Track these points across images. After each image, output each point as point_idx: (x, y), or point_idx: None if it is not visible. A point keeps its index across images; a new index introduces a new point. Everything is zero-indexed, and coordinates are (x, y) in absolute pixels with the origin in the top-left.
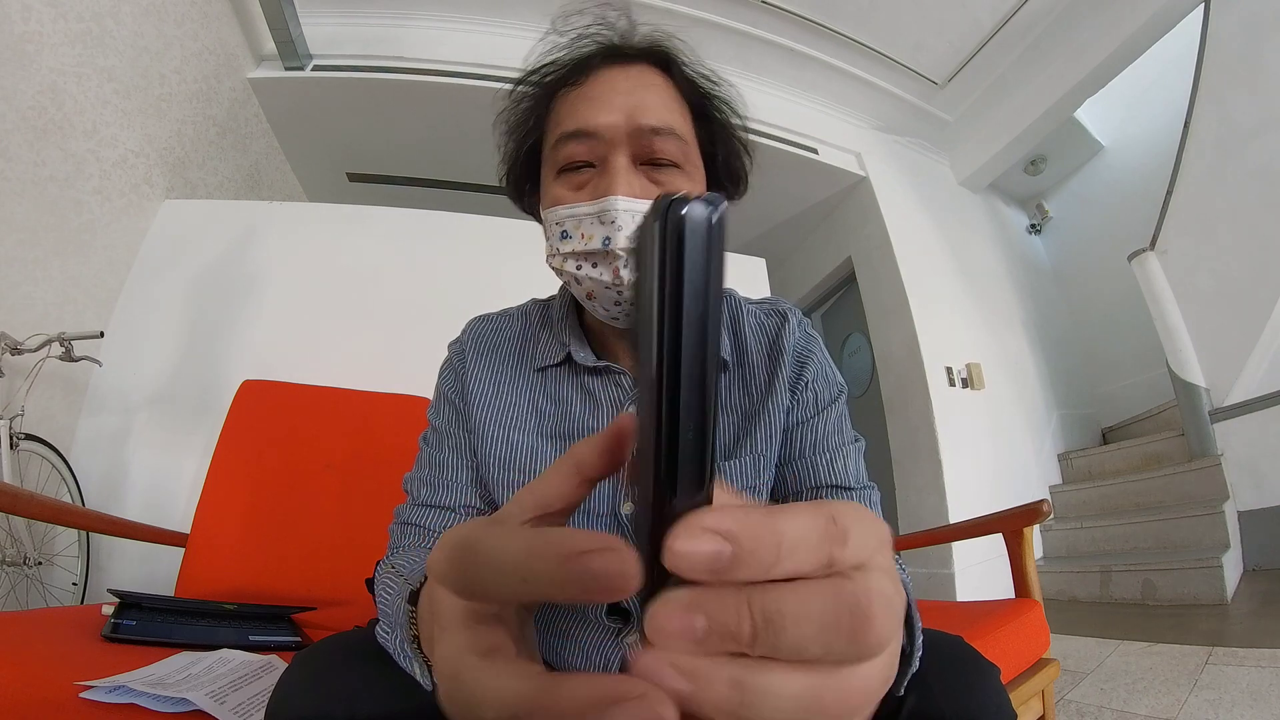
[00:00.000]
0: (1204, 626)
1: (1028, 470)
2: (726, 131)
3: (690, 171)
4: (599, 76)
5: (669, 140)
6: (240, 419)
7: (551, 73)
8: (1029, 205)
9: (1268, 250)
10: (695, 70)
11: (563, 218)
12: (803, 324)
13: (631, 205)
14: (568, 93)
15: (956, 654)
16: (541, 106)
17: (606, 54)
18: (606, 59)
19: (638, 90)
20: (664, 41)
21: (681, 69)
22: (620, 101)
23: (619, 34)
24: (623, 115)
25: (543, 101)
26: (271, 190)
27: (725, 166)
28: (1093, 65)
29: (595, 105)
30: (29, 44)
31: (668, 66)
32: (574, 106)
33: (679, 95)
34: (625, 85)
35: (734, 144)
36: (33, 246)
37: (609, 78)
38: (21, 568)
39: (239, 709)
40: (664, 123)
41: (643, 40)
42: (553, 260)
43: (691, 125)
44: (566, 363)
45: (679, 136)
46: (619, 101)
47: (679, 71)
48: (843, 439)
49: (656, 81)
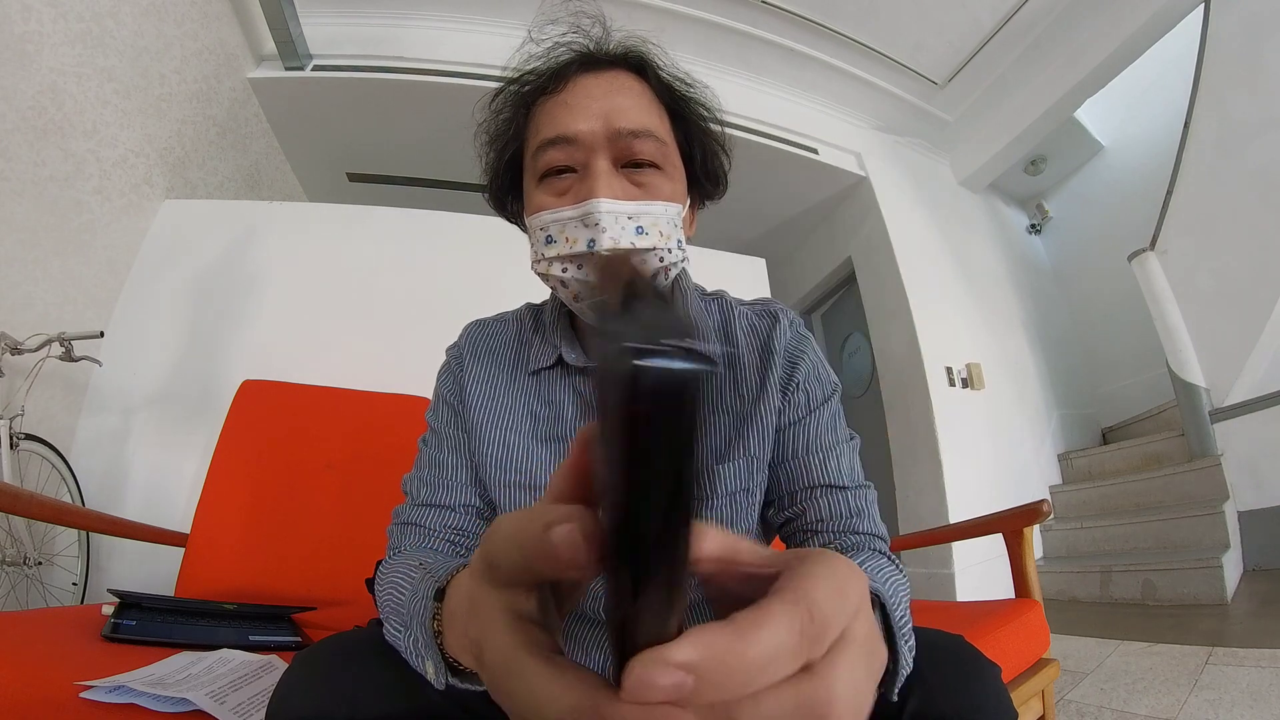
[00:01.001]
0: (1204, 626)
1: (1028, 470)
2: (703, 132)
3: (670, 172)
4: (576, 83)
5: (647, 142)
6: (240, 419)
7: (529, 82)
8: (1029, 205)
9: (1268, 250)
10: (670, 73)
11: (546, 223)
12: (794, 324)
13: (614, 207)
14: (545, 101)
15: (957, 653)
16: (520, 116)
17: (582, 61)
18: (583, 66)
19: (614, 95)
20: (638, 47)
21: (656, 72)
22: (597, 107)
23: (594, 41)
24: (600, 120)
25: (521, 111)
26: (271, 190)
27: (704, 167)
28: (1093, 65)
29: (573, 112)
30: (29, 44)
31: (643, 71)
32: (552, 114)
33: (655, 98)
34: (601, 91)
35: (711, 144)
36: (33, 246)
37: (585, 84)
38: (21, 568)
39: (239, 709)
40: (641, 125)
41: (618, 46)
42: (538, 265)
43: (669, 127)
44: (559, 365)
45: (657, 138)
46: (596, 107)
47: (654, 75)
48: (836, 438)
49: (632, 86)
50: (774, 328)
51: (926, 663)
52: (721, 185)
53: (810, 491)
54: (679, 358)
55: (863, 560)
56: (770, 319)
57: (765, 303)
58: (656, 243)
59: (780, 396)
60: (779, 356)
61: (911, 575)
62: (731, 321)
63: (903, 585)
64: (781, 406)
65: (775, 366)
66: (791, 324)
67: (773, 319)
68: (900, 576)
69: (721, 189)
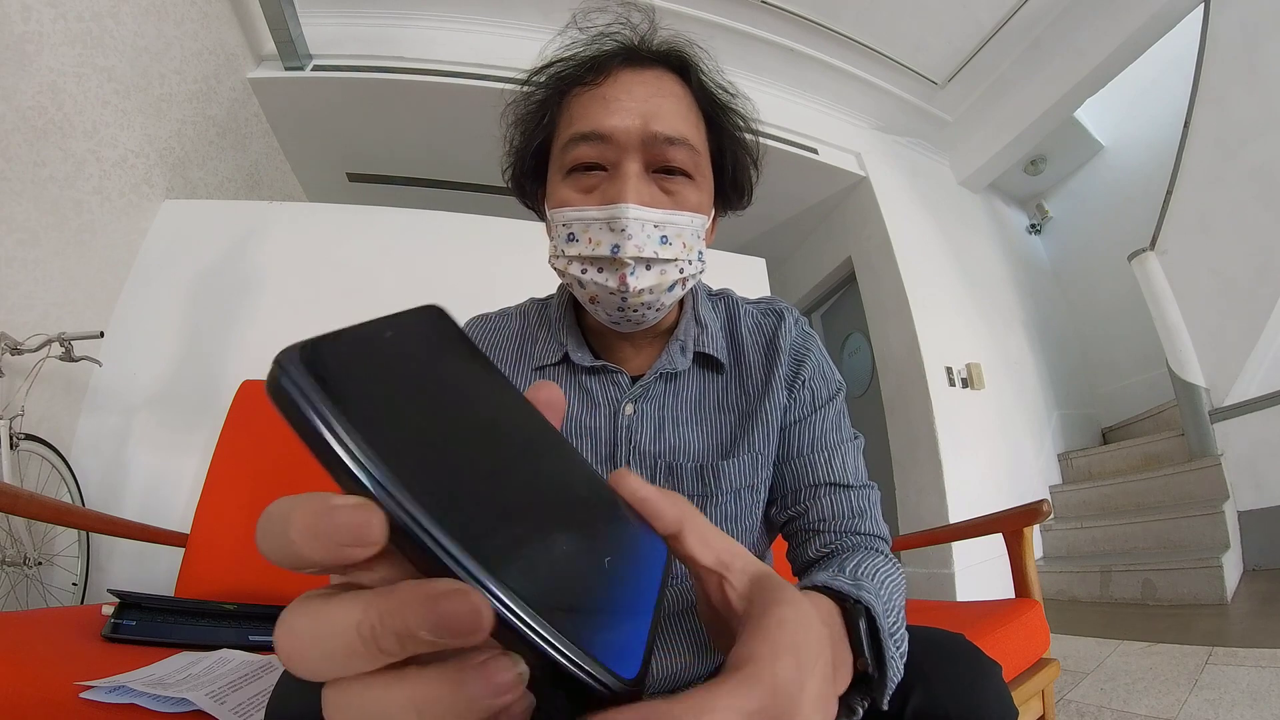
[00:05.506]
0: (1204, 626)
1: (1028, 470)
2: (737, 143)
3: (700, 182)
4: (615, 78)
5: (682, 149)
6: (240, 419)
7: (567, 69)
8: (1029, 205)
9: (1268, 250)
10: (713, 80)
11: (570, 220)
12: (799, 322)
13: (642, 214)
14: (582, 92)
15: (958, 651)
16: (554, 103)
17: (624, 55)
18: (624, 60)
19: (654, 96)
20: (684, 48)
21: (699, 77)
22: (635, 106)
23: (639, 35)
24: (637, 120)
25: (555, 98)
26: (271, 190)
27: (733, 178)
28: (1093, 65)
29: (610, 108)
30: (29, 44)
31: (685, 73)
32: (588, 107)
33: (694, 103)
34: (641, 90)
35: (744, 156)
36: (33, 246)
37: (625, 80)
38: (21, 568)
39: (239, 709)
40: (678, 132)
41: (662, 44)
42: (556, 261)
43: (704, 134)
44: (564, 362)
45: (692, 146)
46: (635, 106)
47: (696, 79)
48: (841, 436)
49: (673, 89)
50: (779, 325)
51: (928, 661)
52: (747, 198)
53: (814, 490)
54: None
55: (859, 560)
56: (775, 317)
57: (770, 301)
58: (679, 254)
59: (786, 394)
60: (784, 354)
61: (911, 575)
62: (737, 319)
63: (899, 588)
64: (787, 404)
65: (781, 364)
66: (797, 322)
67: (778, 317)
68: (897, 577)
69: (746, 201)
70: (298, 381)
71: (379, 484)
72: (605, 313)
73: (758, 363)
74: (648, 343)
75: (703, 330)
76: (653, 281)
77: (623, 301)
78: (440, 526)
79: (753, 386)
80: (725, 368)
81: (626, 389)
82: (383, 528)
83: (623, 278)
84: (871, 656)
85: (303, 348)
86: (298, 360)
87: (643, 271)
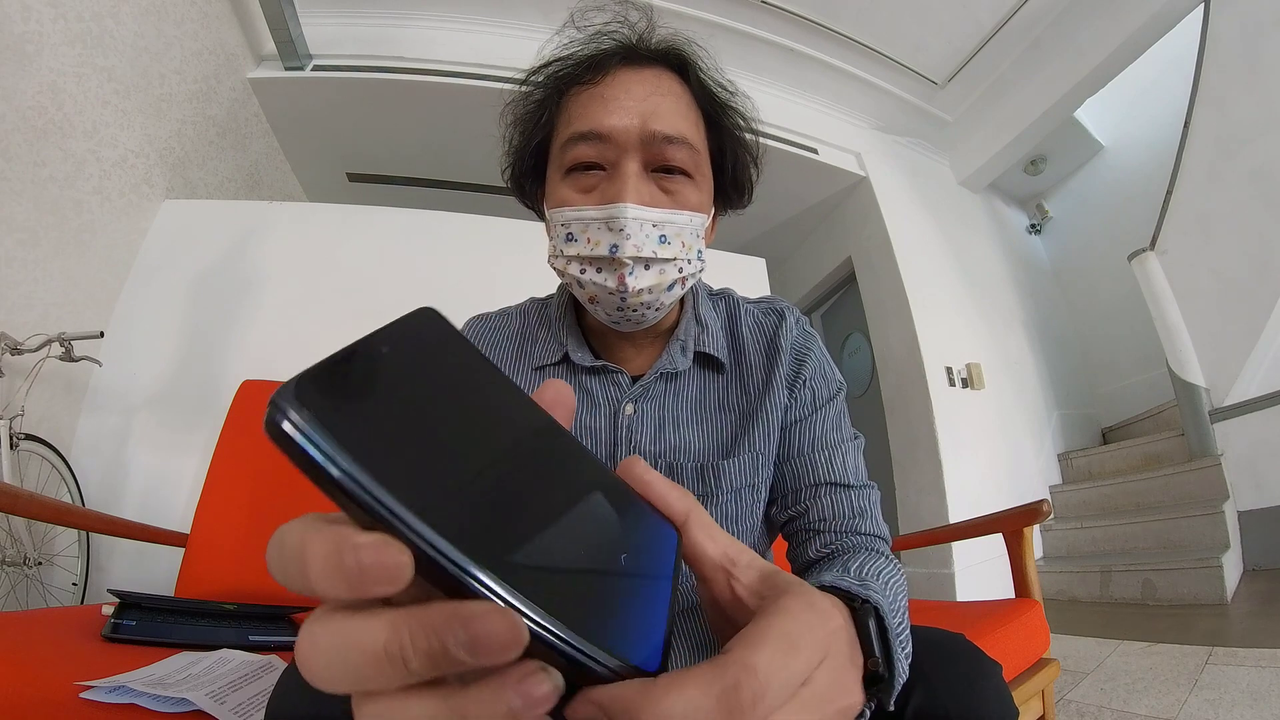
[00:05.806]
0: (1204, 626)
1: (1028, 470)
2: (737, 142)
3: (699, 181)
4: (614, 77)
5: (681, 148)
6: (240, 419)
7: (565, 68)
8: (1029, 205)
9: (1268, 250)
10: (712, 78)
11: (569, 220)
12: (800, 322)
13: (640, 213)
14: (580, 91)
15: (959, 651)
16: (552, 102)
17: (623, 54)
18: (623, 59)
19: (652, 95)
20: (682, 46)
21: (698, 75)
22: (634, 105)
23: (637, 34)
24: (637, 119)
25: (554, 97)
26: (271, 190)
27: (733, 177)
28: (1093, 65)
29: (609, 107)
30: (29, 44)
31: (684, 71)
32: (586, 106)
33: (693, 102)
34: (640, 89)
35: (744, 155)
36: (33, 246)
37: (624, 79)
38: (21, 568)
39: (239, 709)
40: (677, 131)
41: (660, 43)
42: (555, 261)
43: (704, 133)
44: (564, 362)
45: (691, 145)
46: (633, 105)
47: (695, 77)
48: (841, 436)
49: (673, 87)
50: (780, 325)
51: (928, 661)
52: (747, 197)
53: (814, 489)
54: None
55: (862, 560)
56: (776, 316)
57: (771, 300)
58: (678, 253)
59: (787, 393)
60: (785, 353)
61: (911, 575)
62: (737, 319)
63: (901, 589)
64: (788, 403)
65: (781, 363)
66: (798, 321)
67: (779, 316)
68: (899, 578)
69: (746, 200)
70: (297, 422)
71: (399, 520)
72: (605, 312)
73: (758, 362)
74: (648, 342)
75: (703, 330)
76: (652, 281)
77: (622, 301)
78: (467, 555)
79: (753, 386)
80: (726, 367)
81: (627, 389)
82: (410, 565)
83: (621, 278)
84: (881, 657)
85: (298, 383)
86: (293, 398)
87: (641, 271)
